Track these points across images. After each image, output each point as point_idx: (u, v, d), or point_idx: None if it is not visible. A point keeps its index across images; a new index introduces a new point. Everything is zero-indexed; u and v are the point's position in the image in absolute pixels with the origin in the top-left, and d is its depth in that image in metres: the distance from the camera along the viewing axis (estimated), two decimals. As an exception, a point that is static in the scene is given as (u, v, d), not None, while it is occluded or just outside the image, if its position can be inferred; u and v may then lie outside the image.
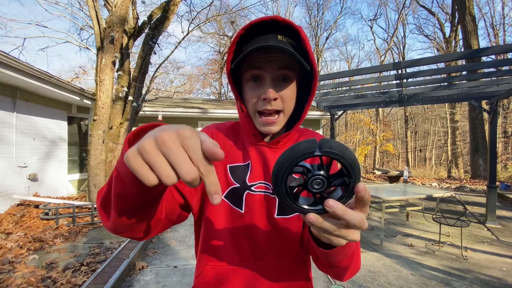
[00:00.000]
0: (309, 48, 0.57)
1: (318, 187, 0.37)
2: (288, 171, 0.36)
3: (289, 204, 0.38)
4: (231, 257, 0.64)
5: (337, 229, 0.38)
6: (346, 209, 0.36)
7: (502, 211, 5.97)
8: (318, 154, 0.34)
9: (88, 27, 8.35)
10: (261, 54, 0.58)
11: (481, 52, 3.50)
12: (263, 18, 0.56)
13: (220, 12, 11.37)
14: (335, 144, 0.35)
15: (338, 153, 0.34)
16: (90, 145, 5.09)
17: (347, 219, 0.36)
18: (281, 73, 0.59)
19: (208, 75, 25.90)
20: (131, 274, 2.93)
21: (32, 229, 3.99)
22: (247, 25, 0.57)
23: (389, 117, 24.88)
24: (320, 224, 0.37)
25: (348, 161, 0.35)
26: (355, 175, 0.35)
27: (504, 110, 17.04)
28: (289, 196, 0.38)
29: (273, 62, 0.58)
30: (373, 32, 31.95)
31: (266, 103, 0.59)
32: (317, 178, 0.37)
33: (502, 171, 13.28)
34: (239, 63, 0.60)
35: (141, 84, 5.99)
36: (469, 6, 11.55)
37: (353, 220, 0.36)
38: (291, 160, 0.35)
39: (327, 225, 0.38)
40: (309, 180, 0.37)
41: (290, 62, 0.59)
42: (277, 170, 0.36)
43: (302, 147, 0.35)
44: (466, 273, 3.03)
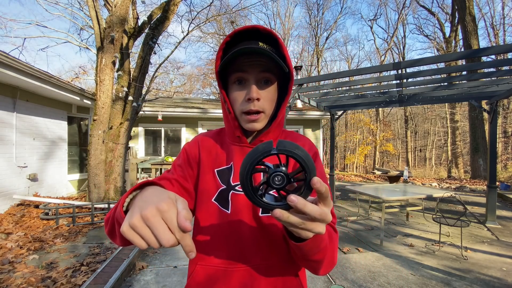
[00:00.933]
0: (286, 53, 0.65)
1: (279, 182, 0.40)
2: (251, 170, 0.39)
3: (256, 202, 0.41)
4: (221, 257, 0.67)
5: (302, 222, 0.41)
6: (306, 202, 0.39)
7: (502, 211, 5.97)
8: (274, 153, 0.38)
9: (88, 27, 8.35)
10: (245, 58, 0.64)
11: (481, 52, 3.50)
12: (246, 26, 0.63)
13: (220, 12, 11.36)
14: (288, 143, 0.39)
15: (291, 150, 0.38)
16: (90, 145, 5.09)
17: (308, 212, 0.39)
18: (263, 76, 0.66)
19: (208, 75, 25.89)
20: (131, 274, 2.93)
21: (32, 229, 3.99)
22: (232, 33, 0.64)
23: (389, 117, 24.88)
24: (286, 219, 0.40)
25: (301, 157, 0.38)
26: (309, 170, 0.39)
27: (504, 110, 17.04)
28: (255, 193, 0.41)
29: (256, 66, 0.64)
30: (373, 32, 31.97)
31: (250, 103, 0.65)
32: (277, 174, 0.40)
33: (502, 171, 13.28)
34: (226, 69, 0.68)
35: (141, 84, 5.99)
36: (469, 6, 11.55)
37: (313, 212, 0.39)
38: (252, 160, 0.39)
39: (292, 219, 0.40)
40: (270, 176, 0.40)
41: (271, 66, 0.65)
42: (242, 170, 0.40)
43: (261, 147, 0.39)
44: (466, 273, 3.03)
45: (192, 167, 0.73)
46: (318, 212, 0.39)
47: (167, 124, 9.57)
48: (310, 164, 0.39)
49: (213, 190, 0.70)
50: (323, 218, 0.40)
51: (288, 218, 0.40)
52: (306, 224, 0.41)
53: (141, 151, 9.60)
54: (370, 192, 4.44)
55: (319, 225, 0.42)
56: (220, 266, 0.66)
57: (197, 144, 0.76)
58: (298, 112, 9.88)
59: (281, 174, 0.40)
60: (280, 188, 0.41)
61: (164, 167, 7.86)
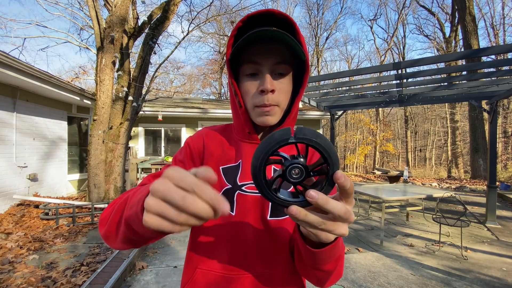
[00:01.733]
0: (302, 40, 0.59)
1: (296, 176, 0.36)
2: (265, 161, 0.35)
3: (269, 197, 0.37)
4: (222, 262, 0.62)
5: (322, 222, 0.36)
6: (329, 198, 0.34)
7: (502, 211, 5.97)
8: (292, 141, 0.34)
9: (88, 27, 8.34)
10: (259, 46, 0.58)
11: (481, 52, 3.50)
12: (260, 10, 0.57)
13: (220, 12, 11.37)
14: (309, 131, 0.34)
15: (312, 139, 0.34)
16: (90, 145, 5.09)
17: (331, 209, 0.34)
18: (278, 67, 0.60)
19: (208, 75, 25.90)
20: (131, 274, 2.93)
21: (32, 229, 3.99)
22: (245, 17, 0.58)
23: (389, 117, 24.88)
24: (304, 217, 0.35)
25: (323, 147, 0.34)
26: (332, 162, 0.34)
27: (504, 110, 17.04)
28: (269, 188, 0.37)
29: (269, 56, 0.59)
30: (373, 32, 31.99)
31: (263, 96, 0.59)
32: (294, 167, 0.35)
33: (502, 171, 13.28)
34: (237, 58, 0.62)
35: (141, 84, 5.99)
36: (469, 6, 11.55)
37: (337, 210, 0.34)
38: (267, 149, 0.34)
39: (311, 218, 0.35)
40: (287, 169, 0.36)
41: (287, 55, 0.60)
42: (255, 161, 0.35)
43: (277, 135, 0.35)
44: (466, 273, 3.03)
45: (195, 162, 0.67)
46: (343, 210, 0.34)
47: (167, 124, 9.57)
48: (334, 156, 0.34)
49: (216, 189, 0.64)
50: (347, 217, 0.35)
51: (306, 217, 0.35)
52: (327, 224, 0.36)
53: (141, 151, 9.60)
54: (370, 192, 4.44)
55: (341, 226, 0.37)
56: (220, 271, 0.61)
57: (202, 138, 0.70)
58: (298, 112, 9.87)
59: (299, 166, 0.35)
60: (297, 182, 0.36)
61: (164, 167, 7.86)
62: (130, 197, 0.47)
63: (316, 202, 0.33)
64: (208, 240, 0.63)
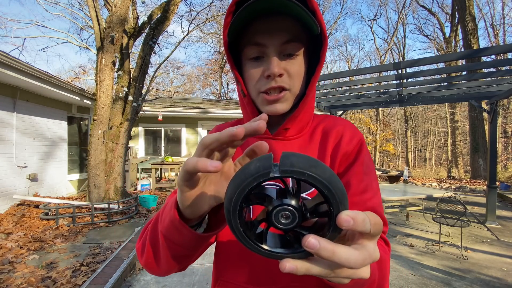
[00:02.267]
0: (316, 7, 0.48)
1: (286, 222, 0.27)
2: (240, 202, 0.26)
3: (251, 248, 0.28)
4: (243, 275, 0.55)
5: (331, 272, 0.27)
6: (335, 247, 0.24)
7: (502, 211, 5.97)
8: (274, 176, 0.25)
9: (88, 27, 8.35)
10: (262, 22, 0.49)
11: (481, 52, 3.51)
12: None
13: (220, 12, 11.38)
14: (299, 158, 0.25)
15: (304, 171, 0.24)
16: (90, 145, 5.09)
17: (341, 263, 0.24)
18: (287, 47, 0.50)
19: (208, 75, 25.91)
20: (131, 274, 2.93)
21: (32, 229, 3.99)
22: None
23: (389, 117, 24.88)
24: (306, 272, 0.26)
25: (321, 182, 0.24)
26: (336, 200, 0.25)
27: (504, 110, 17.04)
28: (249, 236, 0.28)
29: (276, 35, 0.49)
30: (373, 32, 31.99)
31: (270, 80, 0.50)
32: (282, 210, 0.27)
33: (502, 171, 13.28)
34: (238, 40, 0.53)
35: (141, 84, 5.99)
36: (469, 6, 11.55)
37: (349, 262, 0.25)
38: (240, 187, 0.26)
39: (316, 271, 0.26)
40: (272, 213, 0.27)
41: (296, 31, 0.50)
42: (227, 203, 0.27)
43: (252, 168, 0.26)
44: (466, 273, 3.03)
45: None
46: (360, 260, 0.25)
47: (167, 124, 9.57)
48: (337, 191, 0.25)
49: None
50: (363, 264, 0.26)
51: (309, 271, 0.26)
52: (338, 272, 0.27)
53: (141, 151, 9.60)
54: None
55: (360, 270, 0.28)
56: (242, 285, 0.55)
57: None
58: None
59: (290, 209, 0.26)
60: (288, 229, 0.27)
61: (164, 167, 7.87)
62: (159, 215, 0.44)
63: (318, 254, 0.24)
64: (228, 250, 0.58)
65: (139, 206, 5.43)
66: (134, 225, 4.38)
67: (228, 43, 0.52)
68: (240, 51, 0.55)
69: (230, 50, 0.54)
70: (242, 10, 0.44)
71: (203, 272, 3.02)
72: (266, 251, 0.28)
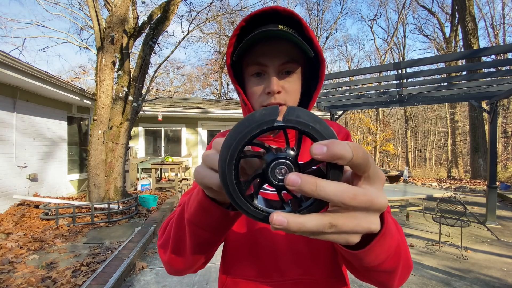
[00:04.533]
0: (312, 35, 0.55)
1: (282, 177, 0.25)
2: (239, 151, 0.25)
3: (241, 205, 0.26)
4: (252, 269, 0.57)
5: (328, 224, 0.24)
6: (318, 180, 0.23)
7: (502, 211, 5.97)
8: (279, 126, 0.24)
9: (88, 27, 8.35)
10: (263, 45, 0.56)
11: (481, 52, 3.51)
12: (264, 8, 0.55)
13: (220, 12, 11.37)
14: (305, 112, 0.25)
15: (308, 123, 0.24)
16: (90, 145, 5.09)
17: (326, 196, 0.22)
18: (285, 67, 0.57)
19: (208, 75, 25.90)
20: (131, 274, 2.93)
21: (32, 229, 3.99)
22: (248, 16, 0.56)
23: (389, 117, 24.88)
24: (298, 227, 0.23)
25: (323, 137, 0.24)
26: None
27: (504, 110, 17.05)
28: (242, 192, 0.26)
29: (276, 56, 0.56)
30: (373, 32, 31.99)
31: (270, 97, 0.57)
32: (280, 163, 0.25)
33: (502, 171, 13.28)
34: (240, 57, 0.59)
35: (141, 84, 5.99)
36: (469, 6, 11.55)
37: (337, 195, 0.23)
38: (242, 134, 0.24)
39: (311, 225, 0.23)
40: (269, 166, 0.26)
41: (293, 53, 0.57)
42: (224, 152, 0.26)
43: (258, 115, 0.25)
44: (466, 273, 3.03)
45: None
46: (350, 194, 0.23)
47: (167, 124, 9.57)
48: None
49: None
50: (360, 202, 0.23)
51: (303, 226, 0.23)
52: (337, 223, 0.24)
53: (141, 151, 9.60)
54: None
55: (363, 218, 0.25)
56: (251, 279, 0.56)
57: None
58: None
59: (287, 162, 0.25)
60: (283, 186, 0.26)
61: (164, 167, 7.86)
62: (184, 206, 0.46)
63: (300, 189, 0.22)
64: (236, 245, 0.59)
65: (139, 206, 5.43)
66: (134, 225, 4.38)
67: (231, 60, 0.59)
68: (241, 65, 0.63)
69: (232, 67, 0.62)
70: (248, 36, 0.52)
71: (203, 272, 3.02)
72: (256, 210, 0.26)
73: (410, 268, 0.43)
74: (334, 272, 0.56)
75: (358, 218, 0.25)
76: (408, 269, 0.43)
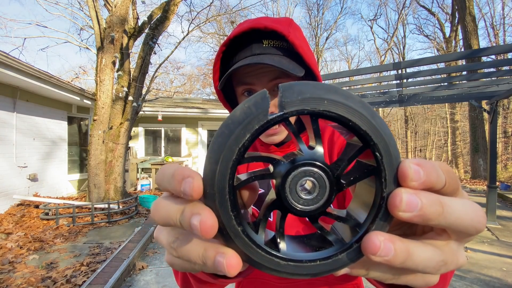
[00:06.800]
0: (301, 50, 0.52)
1: (310, 196, 0.17)
2: (230, 176, 0.16)
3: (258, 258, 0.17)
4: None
5: (393, 278, 0.20)
6: (411, 244, 0.17)
7: (502, 211, 5.97)
8: (276, 116, 0.16)
9: (88, 27, 8.35)
10: (249, 67, 0.53)
11: (481, 52, 3.51)
12: (242, 29, 0.52)
13: (220, 12, 11.37)
14: (308, 85, 0.16)
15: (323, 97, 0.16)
16: (90, 145, 5.10)
17: (414, 268, 0.17)
18: (274, 84, 0.55)
19: (208, 75, 25.89)
20: (131, 274, 2.93)
21: (32, 229, 3.99)
22: (227, 40, 0.54)
23: (389, 117, 24.88)
24: (403, 257, 0.17)
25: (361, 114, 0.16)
26: (385, 141, 0.16)
27: (504, 110, 17.05)
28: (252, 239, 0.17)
29: (263, 75, 0.54)
30: (373, 32, 31.95)
31: None
32: (302, 174, 0.17)
33: (502, 171, 13.28)
34: (230, 76, 0.57)
35: (141, 84, 5.99)
36: (469, 6, 11.55)
37: (427, 266, 0.17)
38: (226, 149, 0.16)
39: (376, 275, 0.20)
40: (285, 185, 0.17)
41: (281, 71, 0.54)
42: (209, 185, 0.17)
43: (239, 113, 0.17)
44: (466, 273, 3.02)
45: None
46: (439, 262, 0.18)
47: (167, 124, 9.57)
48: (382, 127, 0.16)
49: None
50: (447, 270, 0.18)
51: (368, 275, 0.20)
52: (403, 278, 0.20)
53: (141, 151, 9.60)
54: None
55: (430, 275, 0.21)
56: (267, 279, 0.58)
57: None
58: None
59: (313, 170, 0.17)
60: (315, 210, 0.18)
61: (164, 167, 7.85)
62: None
63: (389, 262, 0.16)
64: None
65: (139, 206, 5.43)
66: (134, 225, 4.38)
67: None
68: (233, 86, 0.61)
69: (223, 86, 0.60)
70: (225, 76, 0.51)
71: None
72: (285, 260, 0.17)
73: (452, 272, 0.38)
74: (348, 276, 0.55)
75: (427, 275, 0.21)
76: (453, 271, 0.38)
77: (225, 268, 0.17)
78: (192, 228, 0.16)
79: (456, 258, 0.19)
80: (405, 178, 0.16)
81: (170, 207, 0.18)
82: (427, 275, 0.21)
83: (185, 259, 0.19)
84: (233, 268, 0.17)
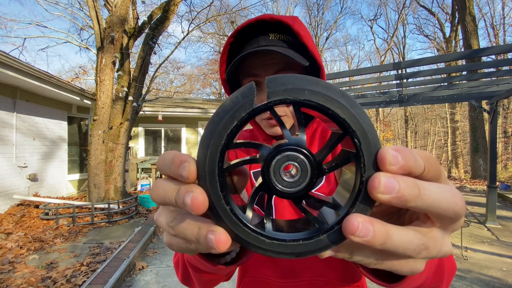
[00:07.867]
0: (306, 40, 0.53)
1: (294, 179, 0.18)
2: (219, 160, 0.18)
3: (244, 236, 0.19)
4: (268, 270, 0.57)
5: (376, 262, 0.21)
6: (389, 227, 0.17)
7: (502, 211, 5.97)
8: (262, 105, 0.18)
9: (88, 27, 8.36)
10: (255, 59, 0.55)
11: (481, 52, 3.51)
12: (250, 21, 0.54)
13: (220, 12, 11.37)
14: (291, 76, 0.18)
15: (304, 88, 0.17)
16: (90, 145, 5.10)
17: (394, 250, 0.18)
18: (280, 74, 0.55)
19: (208, 75, 25.91)
20: (131, 274, 2.93)
21: (32, 229, 3.99)
22: (235, 32, 0.55)
23: (389, 117, 24.88)
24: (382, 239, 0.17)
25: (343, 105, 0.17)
26: (363, 130, 0.17)
27: (504, 110, 17.05)
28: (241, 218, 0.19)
29: (269, 66, 0.55)
30: (373, 32, 31.95)
31: None
32: (285, 158, 0.18)
33: (502, 171, 13.27)
34: (235, 71, 0.58)
35: (141, 84, 5.99)
36: (469, 6, 11.55)
37: (406, 248, 0.18)
38: (216, 135, 0.18)
39: (358, 259, 0.21)
40: (270, 168, 0.18)
41: (288, 61, 0.55)
42: (200, 169, 0.18)
43: (228, 102, 0.18)
44: (466, 273, 3.02)
45: None
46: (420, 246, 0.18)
47: (167, 124, 9.57)
48: (361, 115, 0.17)
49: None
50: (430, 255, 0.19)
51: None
52: (387, 263, 0.21)
53: (141, 151, 9.60)
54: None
55: (414, 261, 0.21)
56: (268, 278, 0.57)
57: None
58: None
59: (295, 154, 0.18)
60: (298, 192, 0.19)
61: (164, 167, 7.85)
62: None
63: (369, 242, 0.17)
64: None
65: (139, 206, 5.43)
66: (134, 225, 4.38)
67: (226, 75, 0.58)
68: (238, 79, 0.62)
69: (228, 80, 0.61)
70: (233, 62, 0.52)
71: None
72: (270, 238, 0.18)
73: (454, 270, 0.39)
74: (349, 276, 0.56)
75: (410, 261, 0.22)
76: (453, 271, 0.38)
77: (215, 244, 0.18)
78: (185, 204, 0.18)
79: (440, 244, 0.19)
80: (383, 162, 0.17)
81: (167, 187, 0.20)
82: (411, 261, 0.21)
83: (181, 236, 0.21)
84: (222, 244, 0.18)
